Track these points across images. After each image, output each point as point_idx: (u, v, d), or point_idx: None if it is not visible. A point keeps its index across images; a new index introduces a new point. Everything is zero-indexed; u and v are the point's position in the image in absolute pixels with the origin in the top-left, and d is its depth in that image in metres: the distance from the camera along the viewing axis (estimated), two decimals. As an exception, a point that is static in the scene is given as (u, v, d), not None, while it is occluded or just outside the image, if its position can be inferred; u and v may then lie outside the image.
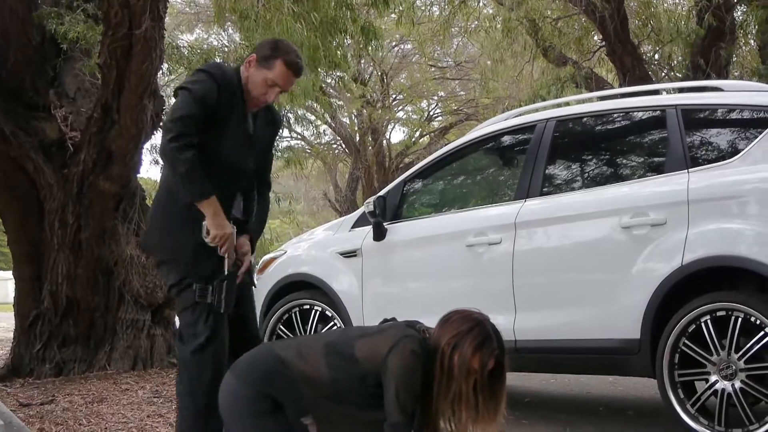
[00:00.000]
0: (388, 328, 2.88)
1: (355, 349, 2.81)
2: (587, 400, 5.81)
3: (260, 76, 3.39)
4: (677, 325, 3.97)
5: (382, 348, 2.74)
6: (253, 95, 3.42)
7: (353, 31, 7.32)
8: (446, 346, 2.73)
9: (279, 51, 3.39)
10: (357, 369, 2.78)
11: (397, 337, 2.76)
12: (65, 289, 6.94)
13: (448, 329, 2.78)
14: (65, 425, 4.81)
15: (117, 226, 7.14)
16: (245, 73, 3.43)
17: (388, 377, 2.70)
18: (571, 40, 10.64)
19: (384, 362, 2.71)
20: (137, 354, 7.11)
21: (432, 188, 5.56)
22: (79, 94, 7.57)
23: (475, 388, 2.74)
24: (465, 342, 2.73)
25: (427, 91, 20.45)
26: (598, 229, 4.38)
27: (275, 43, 3.51)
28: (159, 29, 6.49)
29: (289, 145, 19.77)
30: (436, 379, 2.72)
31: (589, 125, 4.92)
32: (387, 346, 2.74)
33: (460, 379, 2.71)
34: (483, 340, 2.75)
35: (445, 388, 2.72)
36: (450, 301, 4.96)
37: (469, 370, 2.71)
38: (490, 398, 2.80)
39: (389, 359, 2.71)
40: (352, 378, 2.78)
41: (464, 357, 2.71)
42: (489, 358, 2.74)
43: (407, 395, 2.69)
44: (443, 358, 2.72)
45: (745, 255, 3.87)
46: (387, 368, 2.71)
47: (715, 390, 3.88)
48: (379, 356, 2.73)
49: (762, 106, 4.15)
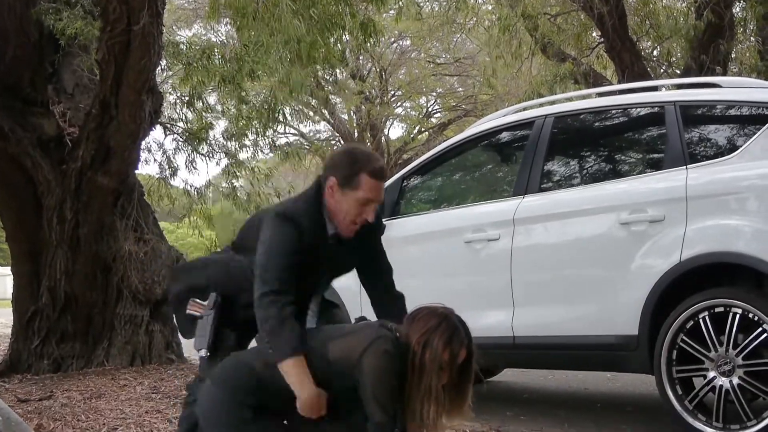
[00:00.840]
0: (360, 329, 2.87)
1: (329, 350, 2.79)
2: (585, 396, 5.81)
3: (350, 200, 2.96)
4: (675, 322, 3.97)
5: (356, 349, 2.74)
6: (348, 221, 3.01)
7: (352, 27, 7.30)
8: (416, 344, 2.73)
9: (359, 164, 2.96)
10: (330, 370, 2.77)
11: (370, 337, 2.75)
12: (63, 285, 6.94)
13: (417, 327, 2.78)
14: (63, 421, 4.81)
15: (115, 221, 7.14)
16: (330, 201, 3.00)
17: (364, 378, 2.71)
18: (569, 36, 10.62)
19: (359, 363, 2.72)
20: (135, 350, 7.11)
21: (430, 184, 5.56)
22: (78, 90, 7.55)
23: (444, 385, 2.75)
24: (434, 338, 2.73)
25: (425, 87, 20.44)
26: (596, 225, 4.38)
27: (351, 155, 3.04)
28: (157, 25, 6.48)
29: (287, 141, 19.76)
30: (409, 377, 2.73)
31: (588, 121, 4.92)
32: (361, 347, 2.73)
33: (431, 375, 2.72)
34: (451, 334, 2.76)
35: (417, 385, 2.73)
36: (448, 297, 4.95)
37: (441, 364, 2.73)
38: (458, 390, 2.81)
39: (364, 360, 2.71)
40: (327, 379, 2.78)
41: (435, 352, 2.72)
42: (459, 350, 2.76)
43: (385, 395, 2.70)
44: (414, 356, 2.73)
45: (743, 251, 3.87)
46: (362, 370, 2.71)
47: (713, 386, 3.88)
48: (353, 358, 2.73)
49: (760, 103, 4.15)
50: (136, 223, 7.32)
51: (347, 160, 3.00)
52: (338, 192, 2.97)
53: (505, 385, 6.30)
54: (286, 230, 2.90)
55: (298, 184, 23.39)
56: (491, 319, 4.67)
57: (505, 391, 6.12)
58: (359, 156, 3.02)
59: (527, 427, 4.58)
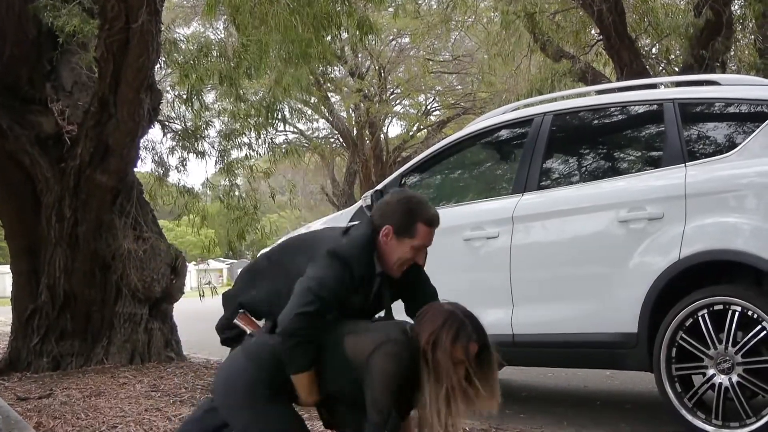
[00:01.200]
0: (376, 328, 2.91)
1: (345, 344, 2.85)
2: (584, 394, 5.81)
3: (405, 248, 3.06)
4: (674, 319, 3.98)
5: (368, 347, 2.78)
6: (400, 263, 3.09)
7: (349, 26, 7.30)
8: (426, 345, 2.75)
9: (415, 215, 3.05)
10: (344, 364, 2.83)
11: (381, 339, 2.78)
12: (62, 283, 6.94)
13: (425, 327, 2.80)
14: (63, 419, 4.81)
15: (114, 219, 7.13)
16: (384, 247, 3.07)
17: (370, 378, 2.74)
18: (568, 34, 10.63)
19: (367, 362, 2.75)
20: (135, 348, 7.12)
21: (429, 182, 5.56)
22: (76, 88, 7.54)
23: (468, 378, 2.76)
24: (442, 336, 2.75)
25: (424, 85, 20.42)
26: (595, 223, 4.38)
27: (407, 205, 3.10)
28: (156, 23, 6.48)
29: (286, 138, 19.75)
30: (426, 379, 2.75)
31: (587, 119, 4.92)
32: (373, 345, 2.77)
33: (449, 373, 2.73)
34: (458, 329, 2.77)
35: (436, 385, 2.74)
36: (447, 295, 4.97)
37: (455, 361, 2.74)
38: (484, 380, 2.82)
39: (372, 360, 2.75)
40: (341, 371, 2.85)
41: (446, 350, 2.73)
42: (468, 343, 2.76)
43: (386, 397, 2.72)
44: (426, 357, 2.75)
45: (742, 249, 3.87)
46: (369, 369, 2.75)
47: (712, 384, 3.88)
48: (364, 355, 2.77)
49: (759, 100, 4.15)
50: (135, 221, 7.31)
51: (404, 210, 3.07)
52: (393, 239, 3.05)
53: (504, 383, 6.24)
54: (338, 273, 2.95)
55: (298, 181, 23.46)
56: (490, 317, 4.64)
57: (505, 388, 6.07)
58: (415, 206, 3.09)
59: (526, 424, 4.58)
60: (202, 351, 8.29)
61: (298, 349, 2.86)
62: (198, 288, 13.22)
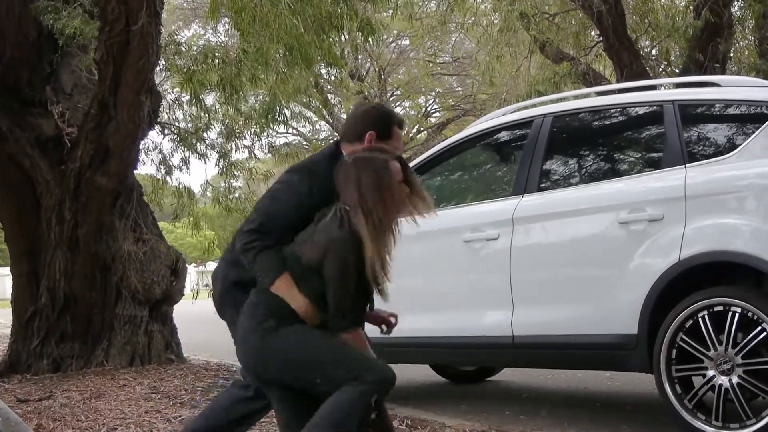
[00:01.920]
0: (320, 230, 2.90)
1: (302, 257, 2.89)
2: (584, 396, 5.81)
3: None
4: (675, 321, 3.97)
5: (320, 251, 2.83)
6: None
7: (350, 27, 7.30)
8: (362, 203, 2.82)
9: (391, 117, 3.26)
10: (305, 272, 2.88)
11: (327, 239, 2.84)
12: (62, 286, 6.94)
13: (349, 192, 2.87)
14: (63, 421, 4.81)
15: (114, 222, 7.14)
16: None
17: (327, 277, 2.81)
18: (568, 35, 10.62)
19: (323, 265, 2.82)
20: (135, 350, 7.12)
21: (429, 184, 5.55)
22: (76, 90, 7.55)
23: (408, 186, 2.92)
24: (370, 176, 2.85)
25: (424, 86, 20.43)
26: (595, 224, 4.38)
27: (381, 110, 3.37)
28: (156, 25, 6.48)
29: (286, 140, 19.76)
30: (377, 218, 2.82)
31: (587, 121, 4.92)
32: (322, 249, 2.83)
33: (399, 190, 2.87)
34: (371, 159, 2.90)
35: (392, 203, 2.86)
36: (447, 296, 4.99)
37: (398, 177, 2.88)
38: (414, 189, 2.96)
39: (325, 269, 2.82)
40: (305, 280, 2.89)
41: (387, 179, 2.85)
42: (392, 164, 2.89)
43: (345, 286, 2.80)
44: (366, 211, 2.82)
45: (742, 250, 3.87)
46: (326, 278, 2.82)
47: (712, 385, 3.88)
48: (318, 259, 2.84)
49: (759, 102, 4.15)
50: (135, 223, 7.32)
51: (380, 114, 3.28)
52: (375, 143, 3.19)
53: (504, 385, 6.30)
54: (294, 186, 3.10)
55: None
56: (490, 319, 4.68)
57: (505, 390, 6.12)
58: (387, 110, 3.39)
59: (526, 426, 4.58)
60: (202, 353, 8.29)
61: (260, 259, 2.96)
62: (193, 290, 13.15)
